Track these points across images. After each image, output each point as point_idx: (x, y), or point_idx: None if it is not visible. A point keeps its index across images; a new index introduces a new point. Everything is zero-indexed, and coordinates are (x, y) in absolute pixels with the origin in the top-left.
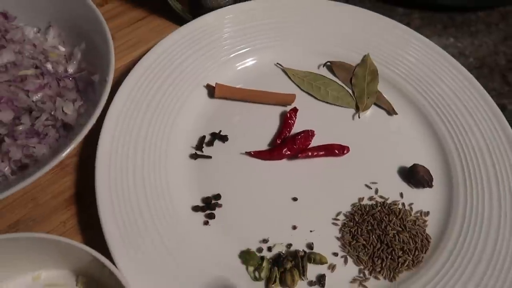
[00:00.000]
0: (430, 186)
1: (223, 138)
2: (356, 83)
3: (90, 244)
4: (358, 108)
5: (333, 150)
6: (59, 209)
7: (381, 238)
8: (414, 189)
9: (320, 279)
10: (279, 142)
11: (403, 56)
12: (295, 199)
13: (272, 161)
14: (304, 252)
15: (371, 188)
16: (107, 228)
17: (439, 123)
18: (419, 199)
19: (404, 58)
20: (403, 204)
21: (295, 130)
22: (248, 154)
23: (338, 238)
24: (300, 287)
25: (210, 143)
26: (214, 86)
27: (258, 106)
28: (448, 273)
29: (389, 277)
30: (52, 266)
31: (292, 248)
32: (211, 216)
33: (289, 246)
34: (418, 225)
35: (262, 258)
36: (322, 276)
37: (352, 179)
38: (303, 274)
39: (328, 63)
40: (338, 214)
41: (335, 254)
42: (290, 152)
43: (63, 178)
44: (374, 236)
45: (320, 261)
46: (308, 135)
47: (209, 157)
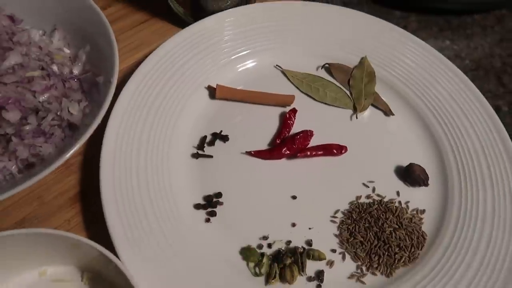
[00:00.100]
0: (426, 184)
1: (224, 138)
2: (353, 85)
3: (95, 241)
4: (355, 109)
5: (331, 150)
6: (64, 207)
7: (378, 235)
8: (410, 187)
9: (319, 275)
10: (278, 142)
11: (400, 59)
12: (294, 197)
13: (271, 160)
14: (303, 248)
15: (369, 187)
16: (112, 225)
17: (435, 124)
18: (415, 198)
19: (401, 60)
20: (400, 202)
21: (294, 130)
22: (249, 153)
23: (336, 235)
24: (299, 282)
25: (211, 143)
26: (215, 87)
27: (258, 107)
28: (443, 269)
29: (386, 273)
30: (58, 262)
31: (292, 245)
32: (213, 214)
33: (288, 243)
34: (414, 222)
35: (262, 255)
36: (321, 272)
37: (350, 178)
38: (302, 270)
39: (327, 65)
40: (336, 212)
41: (333, 251)
42: (289, 152)
43: (67, 177)
44: (371, 233)
45: (319, 257)
46: (307, 135)
47: (210, 156)
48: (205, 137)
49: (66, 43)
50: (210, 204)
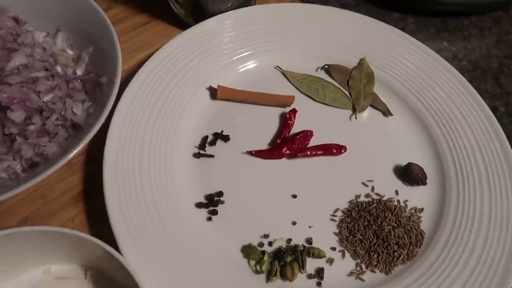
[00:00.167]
0: (424, 184)
1: (225, 138)
2: (353, 85)
3: (98, 239)
4: (354, 109)
5: (331, 150)
6: (67, 205)
7: (377, 233)
8: (408, 186)
9: (319, 272)
10: (279, 141)
11: (398, 60)
12: (294, 196)
13: (272, 160)
14: (304, 246)
15: (368, 186)
16: (115, 224)
17: (433, 124)
18: (413, 196)
19: (399, 61)
20: (398, 201)
21: (294, 130)
22: (249, 153)
23: (336, 234)
24: (300, 280)
25: (213, 143)
26: (216, 88)
27: (258, 107)
28: (441, 266)
29: (385, 270)
30: (62, 260)
31: (292, 243)
32: (214, 213)
33: (289, 241)
34: (412, 221)
35: (263, 252)
36: (321, 270)
37: (349, 177)
38: (302, 267)
39: (326, 66)
40: (336, 211)
41: (333, 249)
42: (289, 152)
43: (71, 176)
44: (370, 231)
45: (319, 255)
46: (307, 135)
47: (211, 156)
48: (206, 137)
49: (69, 45)
50: (212, 203)
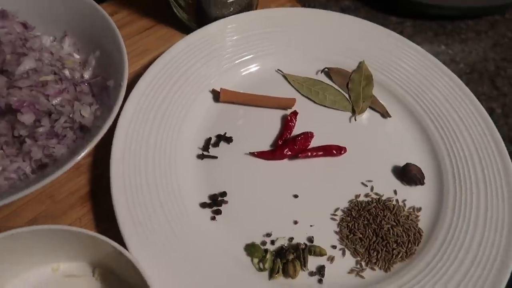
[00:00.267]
0: (422, 183)
1: (228, 140)
2: (352, 88)
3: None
4: (354, 111)
5: (331, 151)
6: (75, 206)
7: (376, 231)
8: (407, 186)
9: (320, 270)
10: (280, 143)
11: (396, 63)
12: (296, 196)
13: (274, 161)
14: (305, 245)
15: (367, 186)
16: (122, 223)
17: (430, 125)
18: (411, 196)
19: (398, 64)
20: (397, 200)
21: (295, 132)
22: (252, 154)
23: (336, 232)
24: (301, 277)
25: (216, 144)
26: (219, 91)
27: (260, 110)
28: (439, 263)
29: (384, 267)
30: (71, 258)
31: (294, 241)
32: (218, 212)
33: (291, 239)
34: (411, 219)
35: (266, 251)
36: (322, 267)
37: (349, 178)
38: (304, 265)
39: (326, 69)
40: (336, 210)
41: (334, 247)
42: (291, 153)
43: (78, 177)
44: (370, 230)
45: (320, 253)
46: (308, 136)
47: (215, 157)
48: (209, 138)
49: (76, 49)
50: (216, 202)
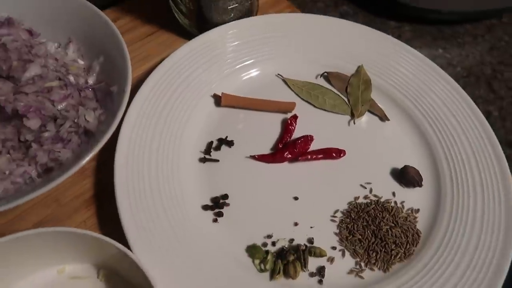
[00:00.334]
0: (420, 185)
1: (229, 143)
2: (351, 92)
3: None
4: (353, 115)
5: (330, 154)
6: (80, 209)
7: (375, 233)
8: (405, 188)
9: (320, 271)
10: (280, 146)
11: (394, 67)
12: (296, 198)
13: (274, 164)
14: (305, 246)
15: (366, 188)
16: (126, 225)
17: (428, 129)
18: (410, 198)
19: (396, 68)
20: (395, 202)
21: (295, 135)
22: (253, 157)
23: (336, 234)
24: (302, 277)
25: (218, 148)
26: (220, 95)
27: (261, 114)
28: (436, 264)
29: (383, 268)
30: (75, 260)
31: (294, 243)
32: (220, 214)
33: (291, 241)
34: (409, 221)
35: (267, 252)
36: (322, 268)
37: (348, 180)
38: (304, 266)
39: (325, 74)
40: (336, 212)
41: (334, 248)
42: (291, 156)
43: (83, 180)
44: (369, 231)
45: (320, 254)
46: (308, 139)
47: (216, 160)
48: (211, 142)
49: (80, 55)
50: (217, 205)
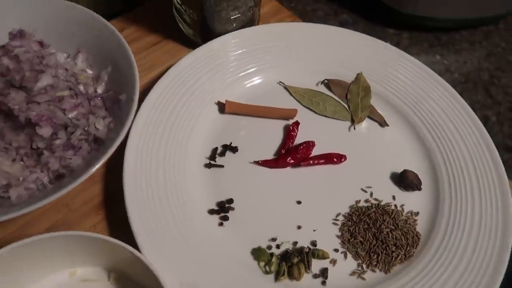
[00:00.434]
0: (419, 189)
1: (234, 149)
2: (351, 99)
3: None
4: (353, 121)
5: (332, 159)
6: (90, 214)
7: (376, 235)
8: (404, 192)
9: (323, 272)
10: (283, 152)
11: (393, 74)
12: (299, 202)
13: (277, 169)
14: (309, 248)
15: (367, 192)
16: (136, 230)
17: (426, 134)
18: (409, 201)
19: (394, 76)
20: (395, 205)
21: (297, 141)
22: (256, 163)
23: (338, 236)
24: (306, 279)
25: (222, 154)
26: (224, 103)
27: (264, 120)
28: (436, 266)
29: (384, 269)
30: (87, 263)
31: (298, 245)
32: (225, 218)
33: (295, 243)
34: (409, 223)
35: (272, 254)
36: (325, 270)
37: (350, 184)
38: (308, 267)
39: (326, 81)
40: (337, 215)
41: (336, 250)
42: (293, 161)
43: (92, 186)
44: (370, 234)
45: (323, 256)
46: (309, 145)
47: (221, 166)
48: (216, 148)
49: (89, 65)
50: (223, 209)
